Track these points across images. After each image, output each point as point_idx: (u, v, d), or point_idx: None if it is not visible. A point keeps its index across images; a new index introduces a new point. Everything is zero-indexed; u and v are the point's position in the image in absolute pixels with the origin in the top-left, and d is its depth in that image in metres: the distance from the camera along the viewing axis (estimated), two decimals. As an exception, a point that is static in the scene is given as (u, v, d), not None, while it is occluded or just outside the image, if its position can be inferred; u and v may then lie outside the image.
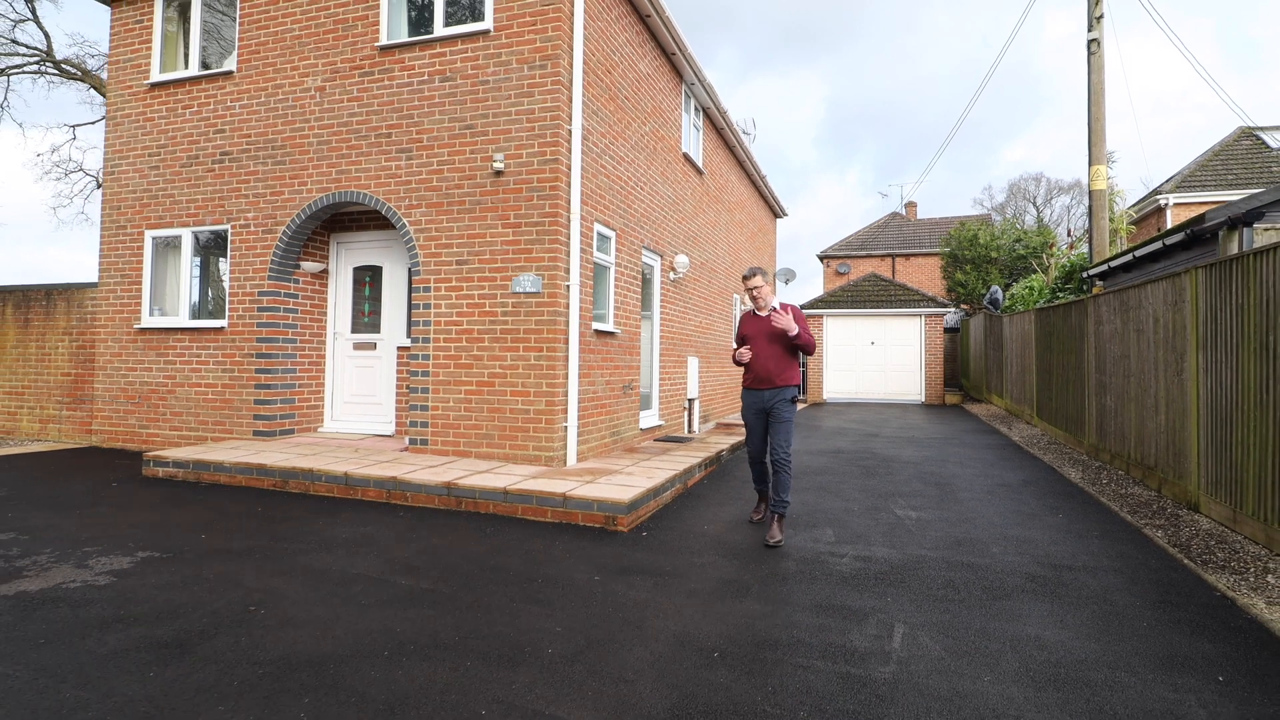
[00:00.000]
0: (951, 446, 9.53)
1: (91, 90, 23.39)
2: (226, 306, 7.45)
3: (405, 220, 6.74)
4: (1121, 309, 7.13)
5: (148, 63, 7.92)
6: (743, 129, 15.59)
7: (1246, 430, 4.71)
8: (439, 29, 6.73)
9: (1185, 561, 4.39)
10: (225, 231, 7.50)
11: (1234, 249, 6.14)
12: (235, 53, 7.51)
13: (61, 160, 25.05)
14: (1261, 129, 18.93)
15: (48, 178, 31.32)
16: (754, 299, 4.85)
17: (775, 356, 4.74)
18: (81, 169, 25.45)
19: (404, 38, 6.91)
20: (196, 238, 7.69)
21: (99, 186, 24.88)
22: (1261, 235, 5.79)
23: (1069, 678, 2.84)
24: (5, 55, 23.18)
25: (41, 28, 23.54)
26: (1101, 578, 4.08)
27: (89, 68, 23.30)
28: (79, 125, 23.46)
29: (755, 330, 4.82)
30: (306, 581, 3.79)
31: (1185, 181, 17.52)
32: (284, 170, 7.22)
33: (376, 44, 6.89)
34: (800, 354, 4.87)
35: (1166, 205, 17.16)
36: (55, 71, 23.53)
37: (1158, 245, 7.27)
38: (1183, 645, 3.18)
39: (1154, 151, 59.48)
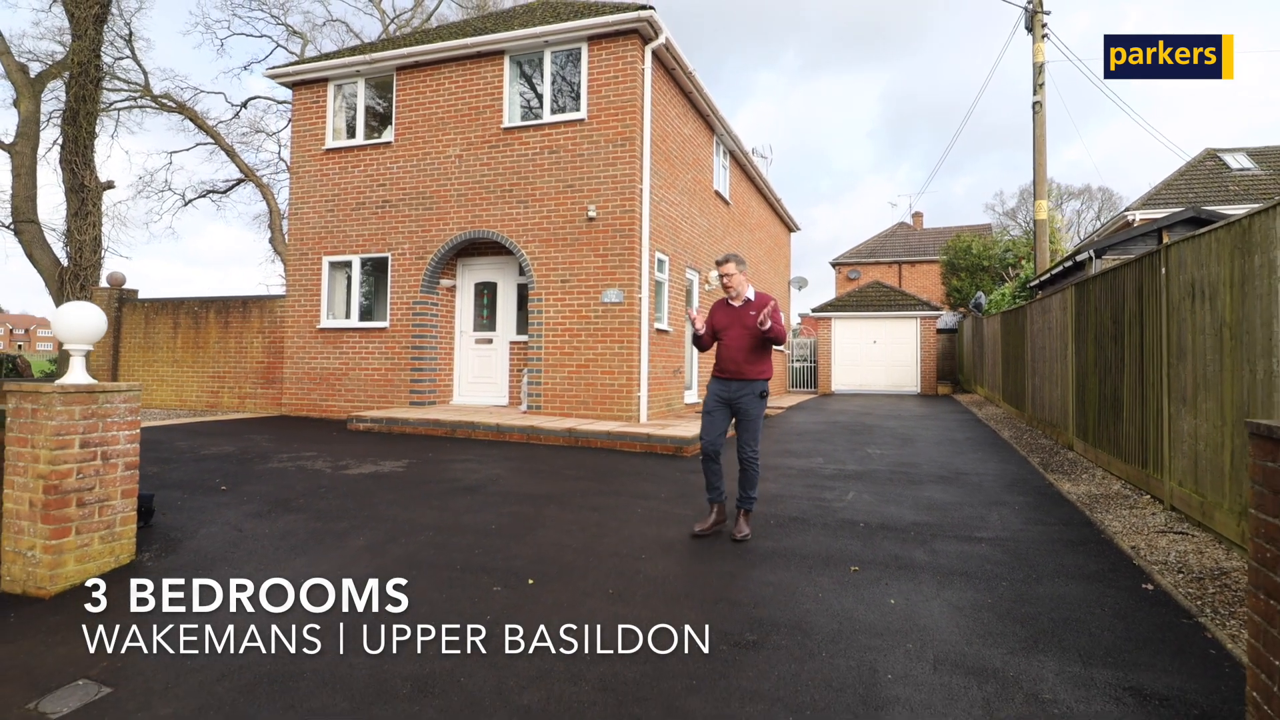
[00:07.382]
0: (926, 420, 12.14)
1: (185, 120, 26.44)
2: (388, 312, 10.28)
3: (523, 251, 9.51)
4: (1043, 312, 9.72)
5: (323, 133, 10.79)
6: (760, 154, 18.27)
7: (1090, 391, 7.32)
8: (546, 117, 9.51)
9: (1041, 471, 7.03)
10: (386, 258, 10.33)
11: (1091, 273, 8.72)
12: (393, 127, 10.35)
13: (154, 181, 28.25)
14: (1224, 150, 21.26)
15: (140, 196, 34.53)
16: (725, 288, 4.66)
17: (747, 348, 4.59)
18: (170, 188, 28.34)
19: (519, 122, 9.70)
20: (363, 262, 10.54)
21: (185, 204, 28.00)
22: (1107, 264, 8.37)
23: (935, 508, 5.50)
24: (111, 91, 26.25)
25: (140, 65, 26.36)
26: (983, 478, 6.72)
27: (183, 100, 26.33)
28: (176, 152, 26.40)
29: (728, 320, 4.66)
30: (510, 469, 6.56)
31: (1151, 199, 19.89)
32: (432, 214, 10.04)
33: (501, 125, 9.69)
34: (772, 345, 4.72)
35: (1134, 221, 19.51)
36: (152, 104, 26.57)
37: (1060, 268, 9.87)
38: (1006, 498, 5.84)
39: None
